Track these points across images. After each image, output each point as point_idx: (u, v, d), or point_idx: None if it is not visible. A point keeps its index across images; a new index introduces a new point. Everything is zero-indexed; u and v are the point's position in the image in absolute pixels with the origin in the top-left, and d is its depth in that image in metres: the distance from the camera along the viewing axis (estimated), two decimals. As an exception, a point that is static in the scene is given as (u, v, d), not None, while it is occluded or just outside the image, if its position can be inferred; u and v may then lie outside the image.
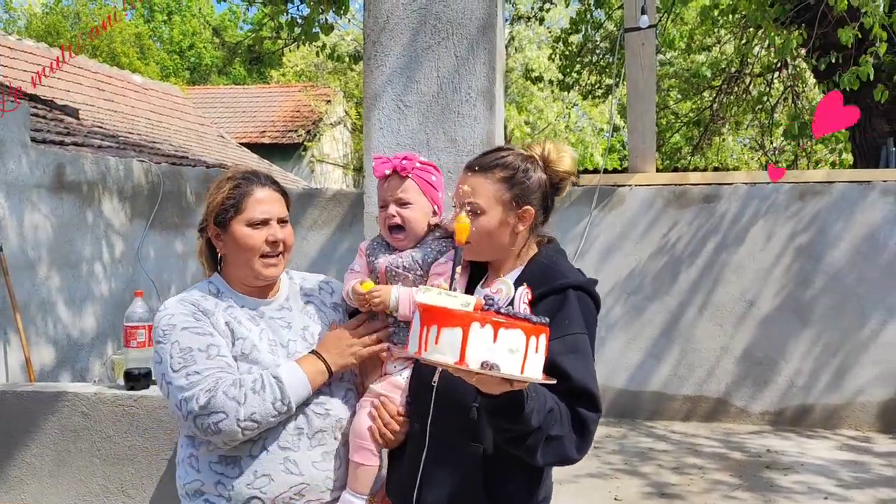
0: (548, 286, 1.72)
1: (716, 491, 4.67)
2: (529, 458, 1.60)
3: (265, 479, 1.85)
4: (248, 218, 1.92)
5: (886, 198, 5.87)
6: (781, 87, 11.04)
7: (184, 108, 12.98)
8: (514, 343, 1.39)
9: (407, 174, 1.95)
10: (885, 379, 5.88)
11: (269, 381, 1.83)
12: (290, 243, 1.98)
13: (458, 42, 3.03)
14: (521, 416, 1.50)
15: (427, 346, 1.41)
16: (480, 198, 1.77)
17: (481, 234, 1.77)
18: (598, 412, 1.65)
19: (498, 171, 1.79)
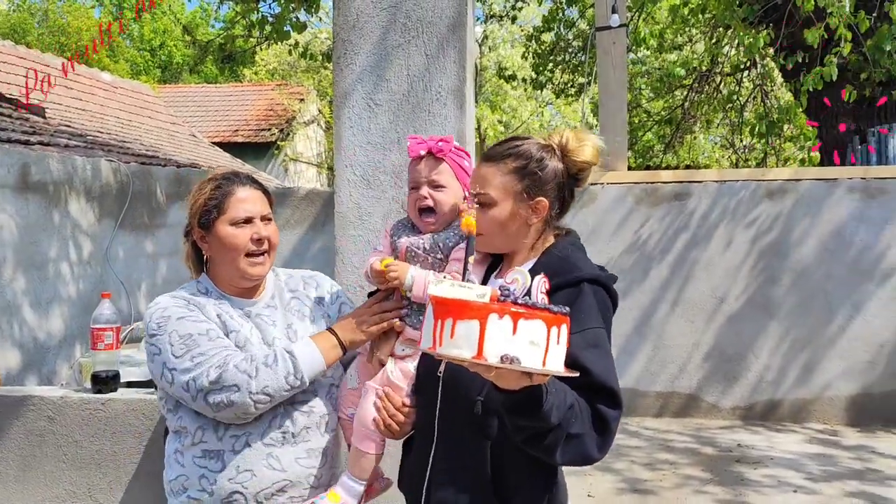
0: (562, 278, 1.65)
1: (687, 486, 4.72)
2: (548, 457, 1.52)
3: (247, 473, 1.86)
4: (232, 217, 1.92)
5: (852, 195, 5.97)
6: (751, 85, 11.19)
7: (154, 107, 12.82)
8: (535, 335, 1.32)
9: (443, 156, 1.91)
10: (852, 373, 5.98)
11: (281, 354, 1.84)
12: (275, 241, 1.98)
13: (429, 40, 3.03)
14: (541, 412, 1.43)
15: (442, 340, 1.34)
16: (491, 188, 1.72)
17: (492, 226, 1.73)
18: (619, 409, 1.58)
19: (510, 161, 1.73)
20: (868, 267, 5.95)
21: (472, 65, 3.19)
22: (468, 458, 1.67)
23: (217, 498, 1.86)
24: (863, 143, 7.02)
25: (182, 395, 1.85)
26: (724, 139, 14.73)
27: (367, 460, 1.88)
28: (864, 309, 5.95)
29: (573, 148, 1.75)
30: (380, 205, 3.05)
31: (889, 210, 5.92)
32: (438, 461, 1.72)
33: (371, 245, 3.07)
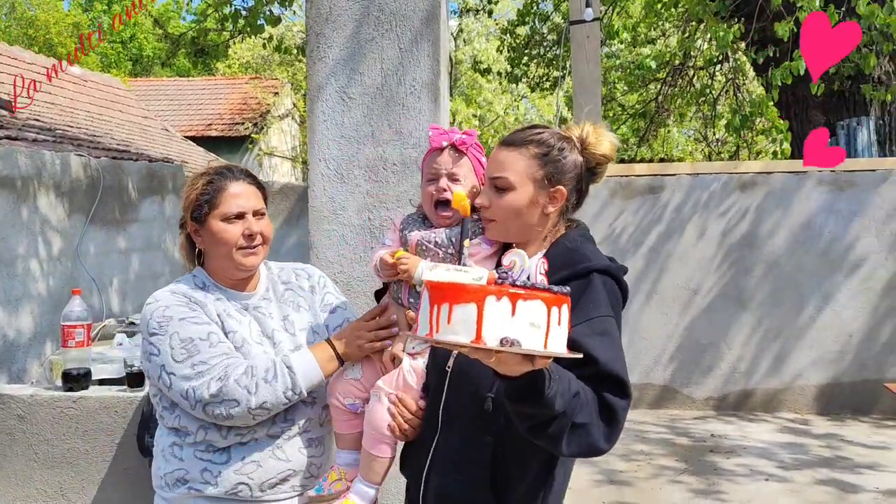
0: (571, 269, 1.63)
1: (662, 476, 4.78)
2: (554, 447, 1.48)
3: (253, 465, 1.89)
4: (224, 213, 1.93)
5: (821, 187, 6.06)
6: (723, 79, 11.30)
7: (126, 101, 12.64)
8: (535, 316, 1.27)
9: (466, 150, 1.87)
10: (822, 363, 6.08)
11: (281, 370, 1.86)
12: (268, 235, 1.99)
13: (402, 34, 3.02)
14: (543, 399, 1.38)
15: (439, 326, 1.29)
16: (511, 173, 1.69)
17: (509, 212, 1.70)
18: (627, 398, 1.54)
19: (532, 147, 1.70)
20: (837, 258, 6.05)
21: (446, 58, 3.19)
22: (469, 451, 1.67)
23: (221, 489, 1.88)
24: (833, 137, 7.13)
25: (180, 401, 1.86)
26: (698, 132, 14.87)
27: (380, 464, 1.86)
28: (833, 300, 6.05)
29: (593, 141, 1.73)
30: (354, 199, 3.04)
31: (857, 202, 6.02)
32: (440, 451, 1.72)
33: (345, 239, 3.06)
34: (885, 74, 7.44)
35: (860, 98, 7.33)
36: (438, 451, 1.73)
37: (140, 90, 16.98)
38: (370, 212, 3.03)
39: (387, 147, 3.03)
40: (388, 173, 3.03)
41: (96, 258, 5.75)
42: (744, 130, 8.57)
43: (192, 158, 11.23)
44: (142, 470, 3.10)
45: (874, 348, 6.02)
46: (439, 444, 1.73)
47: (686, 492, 4.52)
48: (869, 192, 6.01)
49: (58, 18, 24.50)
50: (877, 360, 6.01)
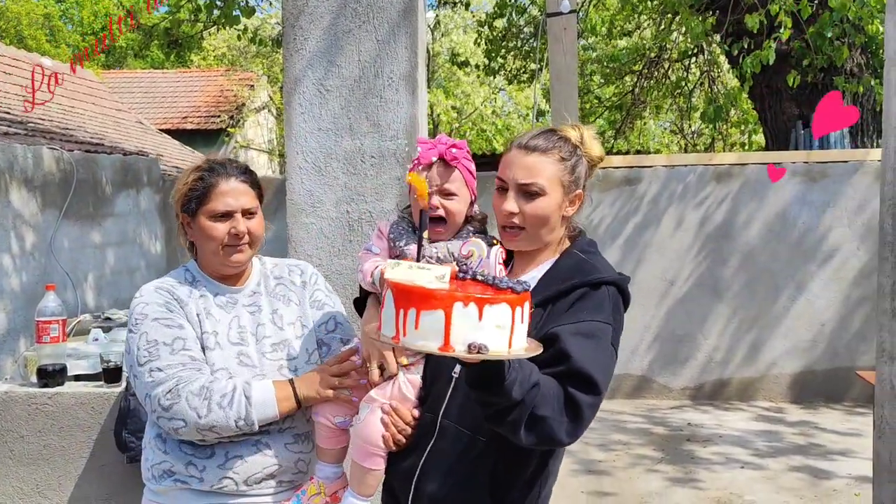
0: (580, 279, 1.65)
1: (640, 465, 4.83)
2: (513, 435, 1.51)
3: (238, 460, 1.88)
4: (211, 210, 1.91)
5: (795, 178, 6.14)
6: (698, 72, 11.38)
7: (99, 93, 12.46)
8: (501, 318, 1.31)
9: (456, 164, 1.82)
10: (796, 352, 6.17)
11: (238, 398, 1.84)
12: (257, 234, 1.97)
13: (379, 26, 3.01)
14: (502, 386, 1.42)
15: (405, 331, 1.31)
16: (542, 178, 1.67)
17: (540, 218, 1.68)
18: (594, 395, 1.55)
19: (557, 152, 1.70)
20: (810, 249, 6.14)
21: (423, 50, 3.18)
22: (468, 455, 1.67)
23: (206, 483, 1.88)
24: (806, 128, 7.21)
25: (142, 402, 1.90)
26: (674, 124, 14.98)
27: (374, 477, 1.83)
28: (806, 289, 6.14)
29: (588, 143, 1.75)
30: (332, 192, 3.03)
31: (830, 193, 6.11)
32: (435, 456, 1.71)
33: (323, 232, 3.05)
34: (856, 67, 7.54)
35: (833, 90, 7.42)
36: (432, 458, 1.71)
37: (113, 82, 16.74)
38: (348, 204, 3.02)
39: (365, 139, 3.02)
40: (366, 166, 3.02)
41: (70, 253, 5.68)
42: (718, 122, 8.65)
43: (167, 152, 11.11)
44: (119, 466, 3.08)
45: (846, 337, 6.12)
46: (434, 450, 1.72)
47: (663, 480, 4.57)
48: (841, 184, 6.10)
49: (28, 9, 24.06)
50: (849, 349, 6.12)
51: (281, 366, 1.97)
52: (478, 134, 18.42)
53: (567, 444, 1.57)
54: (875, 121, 7.59)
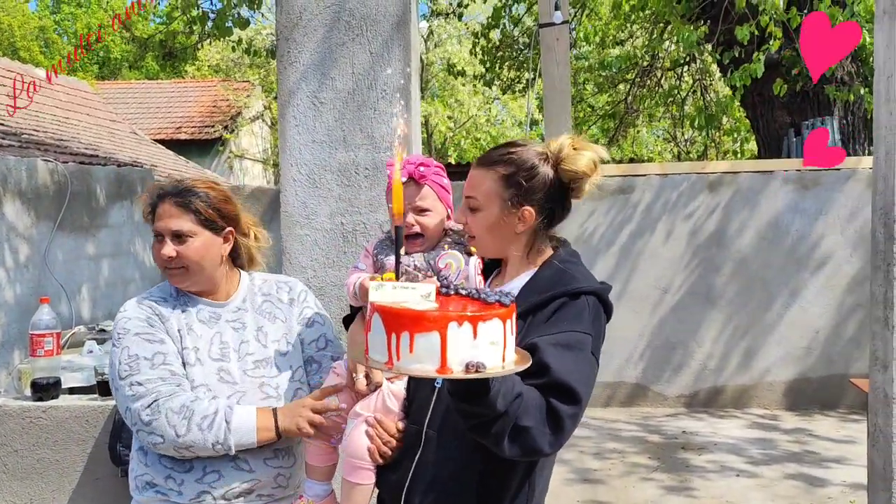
0: (560, 289, 1.66)
1: (635, 474, 4.83)
2: (496, 447, 1.52)
3: (214, 474, 1.89)
4: (154, 231, 1.98)
5: (787, 186, 6.17)
6: (691, 80, 11.45)
7: (93, 104, 12.46)
8: (494, 334, 1.31)
9: (425, 181, 1.88)
10: (790, 359, 6.19)
11: (219, 422, 1.86)
12: (189, 258, 1.94)
13: (373, 38, 3.03)
14: (486, 398, 1.42)
15: (399, 355, 1.28)
16: (479, 193, 1.72)
17: (480, 230, 1.73)
18: (575, 405, 1.56)
19: (500, 168, 1.71)
20: (804, 256, 6.17)
21: (416, 62, 3.20)
22: (456, 466, 1.67)
23: (185, 496, 1.89)
24: (798, 136, 7.26)
25: (123, 415, 1.93)
26: (667, 132, 15.05)
27: (361, 492, 1.82)
28: (800, 297, 6.16)
29: (567, 156, 1.72)
30: (326, 204, 3.04)
31: (822, 201, 6.14)
32: (422, 468, 1.71)
33: (318, 244, 3.06)
34: (847, 75, 7.60)
35: (824, 98, 7.48)
36: (421, 469, 1.71)
37: (108, 93, 16.74)
38: (343, 216, 3.03)
39: (359, 152, 3.03)
40: (360, 178, 3.03)
41: (65, 265, 5.67)
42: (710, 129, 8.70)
43: (161, 162, 11.11)
44: (114, 479, 3.07)
45: (840, 344, 6.15)
46: (421, 462, 1.72)
47: (658, 489, 4.58)
48: (833, 191, 6.13)
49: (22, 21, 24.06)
50: (843, 356, 6.14)
51: (263, 383, 1.97)
52: (472, 143, 18.46)
53: (549, 454, 1.58)
54: (866, 129, 7.65)
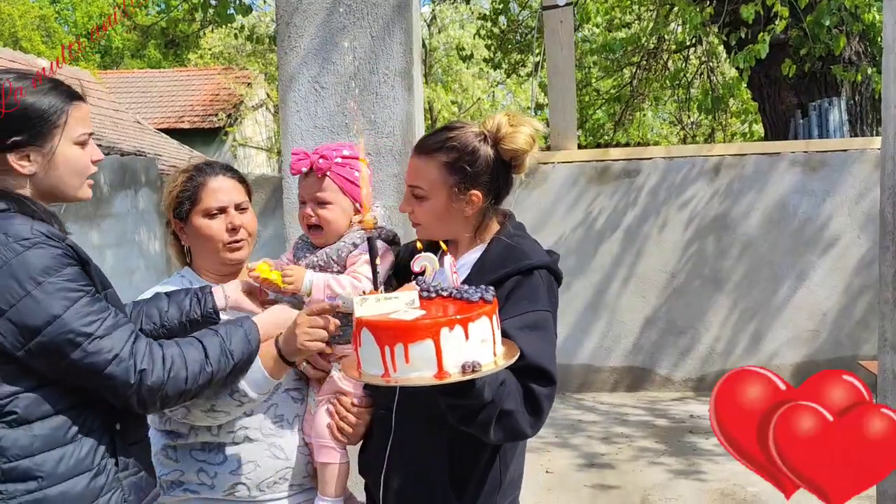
0: (513, 267, 1.67)
1: (643, 458, 4.83)
2: (483, 434, 1.55)
3: (251, 465, 1.86)
4: (205, 208, 1.92)
5: (794, 168, 6.12)
6: (697, 62, 11.34)
7: (96, 94, 12.44)
8: (483, 332, 1.34)
9: (323, 173, 1.86)
10: (798, 342, 6.16)
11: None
12: (251, 228, 1.97)
13: (374, 22, 2.99)
14: (473, 390, 1.45)
15: (395, 366, 1.32)
16: (424, 182, 1.71)
17: (429, 218, 1.73)
18: (551, 386, 1.60)
19: (441, 155, 1.69)
20: (811, 238, 6.12)
21: (418, 45, 3.17)
22: (425, 448, 1.70)
23: (218, 490, 1.86)
24: (805, 117, 7.19)
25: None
26: (673, 116, 14.95)
27: (331, 472, 1.84)
28: (807, 279, 6.13)
29: (505, 134, 1.69)
30: (329, 190, 3.02)
31: (830, 182, 6.09)
32: (396, 451, 1.74)
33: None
34: (854, 55, 7.51)
35: (831, 79, 7.40)
36: (395, 452, 1.74)
37: (110, 83, 16.71)
38: (346, 202, 3.01)
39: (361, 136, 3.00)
40: (362, 163, 3.01)
41: (69, 254, 5.68)
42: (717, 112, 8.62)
43: (165, 151, 11.09)
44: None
45: (848, 326, 6.11)
46: (395, 445, 1.74)
47: (666, 473, 4.57)
48: (841, 172, 6.08)
49: (23, 11, 24.01)
50: (851, 338, 6.11)
51: None
52: (476, 128, 18.37)
53: (530, 436, 1.62)
54: (874, 109, 7.56)
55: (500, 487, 1.73)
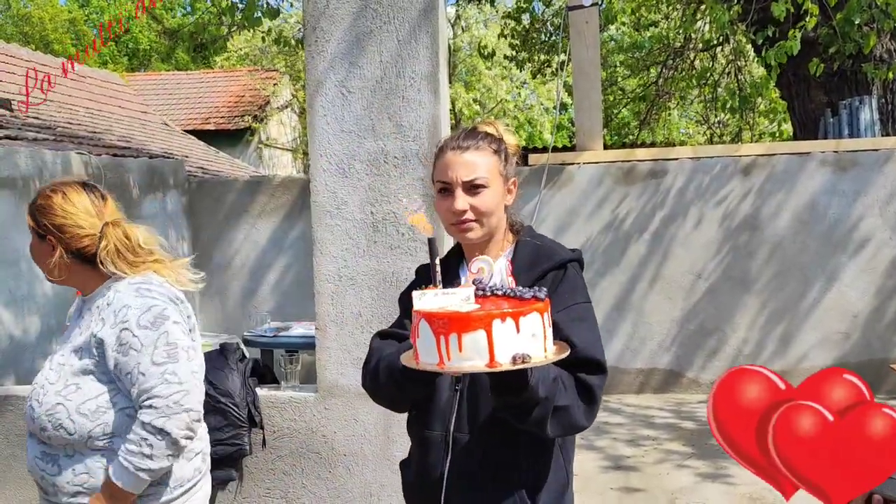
0: (548, 263, 1.75)
1: (669, 461, 4.79)
2: (539, 430, 1.58)
3: (85, 475, 1.93)
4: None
5: (824, 168, 6.03)
6: (725, 61, 11.23)
7: (125, 96, 12.62)
8: (534, 327, 1.41)
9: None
10: (828, 344, 6.08)
11: None
12: (34, 258, 2.21)
13: (400, 26, 3.00)
14: (527, 387, 1.49)
15: (450, 355, 1.39)
16: (482, 171, 1.75)
17: (490, 210, 1.76)
18: (603, 374, 1.67)
19: (489, 145, 1.79)
20: (841, 239, 6.03)
21: (444, 49, 3.17)
22: (495, 465, 1.69)
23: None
24: (835, 116, 7.09)
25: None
26: (699, 115, 14.81)
27: None
28: (838, 280, 6.04)
29: (505, 135, 1.86)
30: (356, 193, 3.04)
31: (861, 182, 5.99)
32: (454, 473, 1.71)
33: (348, 234, 3.06)
34: (886, 52, 7.39)
35: (862, 77, 7.28)
36: (453, 473, 1.71)
37: (138, 85, 16.94)
38: (373, 206, 3.03)
39: (387, 140, 3.02)
40: (389, 167, 3.02)
41: (100, 256, 5.76)
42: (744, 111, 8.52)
43: (192, 152, 11.22)
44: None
45: (879, 328, 6.02)
46: (453, 467, 1.71)
47: (693, 476, 4.53)
48: (872, 172, 5.99)
49: (53, 14, 24.40)
50: (882, 340, 6.01)
51: None
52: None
53: (587, 427, 1.67)
54: (906, 107, 7.44)
55: (568, 486, 1.77)
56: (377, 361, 1.78)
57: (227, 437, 3.04)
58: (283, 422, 3.16)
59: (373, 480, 3.12)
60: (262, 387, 3.25)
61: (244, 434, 3.06)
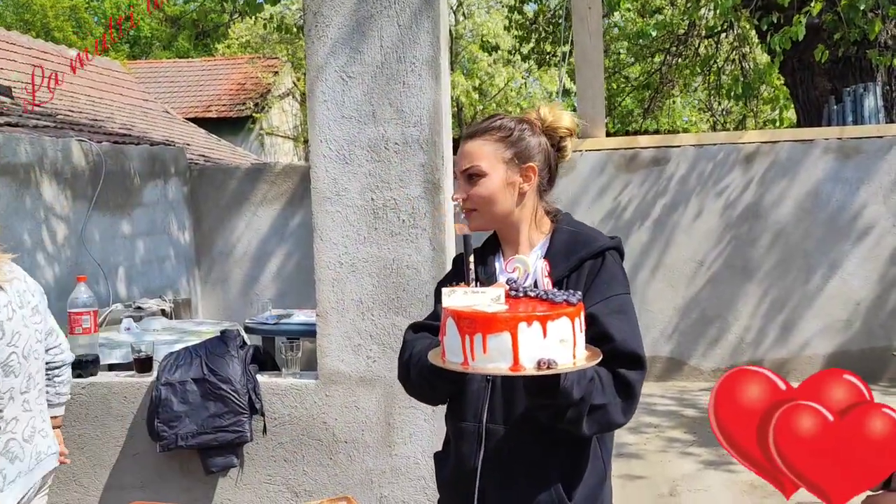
0: (585, 252, 1.69)
1: (672, 448, 4.79)
2: (575, 430, 1.56)
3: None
4: None
5: (827, 155, 6.00)
6: (728, 48, 11.17)
7: (125, 84, 12.57)
8: (563, 332, 1.37)
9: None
10: (830, 332, 6.07)
11: None
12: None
13: (401, 11, 2.98)
14: (560, 389, 1.46)
15: (474, 355, 1.36)
16: (481, 160, 1.72)
17: (485, 199, 1.72)
18: (642, 370, 1.61)
19: (495, 132, 1.74)
20: (844, 227, 6.01)
21: (446, 34, 3.14)
22: (533, 455, 1.67)
23: None
24: (839, 103, 7.05)
25: None
26: (703, 103, 14.74)
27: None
28: (840, 268, 6.02)
29: (551, 119, 1.78)
30: (356, 179, 3.02)
31: (864, 170, 5.96)
32: (488, 464, 1.69)
33: (349, 220, 3.04)
34: (891, 39, 7.33)
35: (866, 64, 7.24)
36: (488, 464, 1.69)
37: (139, 73, 16.88)
38: (373, 192, 3.01)
39: (388, 126, 3.00)
40: (389, 153, 3.00)
41: (101, 244, 5.75)
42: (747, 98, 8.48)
43: (194, 140, 11.19)
44: (152, 455, 3.12)
45: (882, 316, 6.00)
46: (486, 458, 1.69)
47: (696, 463, 4.53)
48: (876, 159, 5.95)
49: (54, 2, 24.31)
50: (885, 328, 6.00)
51: None
52: (503, 116, 18.23)
53: (624, 423, 1.62)
54: (911, 94, 7.39)
55: (606, 479, 1.73)
56: (409, 356, 1.74)
57: (228, 423, 3.04)
58: (284, 409, 3.16)
59: (373, 467, 3.12)
60: (263, 374, 3.24)
61: (245, 421, 3.06)
